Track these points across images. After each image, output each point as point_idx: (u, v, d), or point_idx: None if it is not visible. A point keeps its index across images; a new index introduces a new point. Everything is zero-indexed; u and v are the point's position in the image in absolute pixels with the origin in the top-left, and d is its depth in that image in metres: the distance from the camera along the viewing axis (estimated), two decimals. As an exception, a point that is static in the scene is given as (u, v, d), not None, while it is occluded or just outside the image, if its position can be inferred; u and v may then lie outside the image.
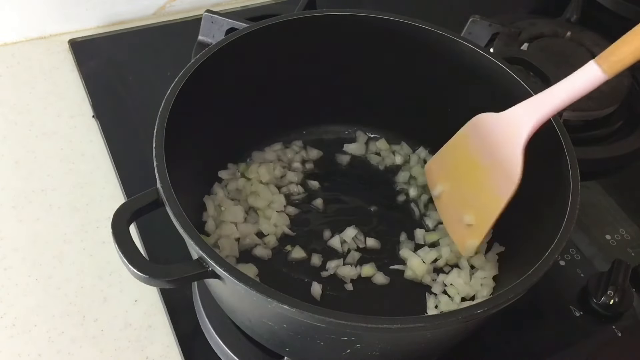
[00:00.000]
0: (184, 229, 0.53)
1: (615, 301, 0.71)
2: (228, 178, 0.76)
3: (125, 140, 0.84)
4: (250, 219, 0.74)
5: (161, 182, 0.55)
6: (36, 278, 0.72)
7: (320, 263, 0.71)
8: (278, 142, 0.81)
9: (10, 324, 0.68)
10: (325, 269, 0.71)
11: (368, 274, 0.71)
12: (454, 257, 0.72)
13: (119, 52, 0.96)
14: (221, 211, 0.73)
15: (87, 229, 0.76)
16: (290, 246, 0.72)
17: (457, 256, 0.72)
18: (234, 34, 0.70)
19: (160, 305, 0.70)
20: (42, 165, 0.82)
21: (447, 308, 0.69)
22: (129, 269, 0.52)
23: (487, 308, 0.52)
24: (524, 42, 0.96)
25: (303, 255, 0.72)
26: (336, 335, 0.53)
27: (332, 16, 0.73)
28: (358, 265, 0.72)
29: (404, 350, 0.59)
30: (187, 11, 1.05)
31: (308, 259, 0.72)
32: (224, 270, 0.51)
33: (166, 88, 0.63)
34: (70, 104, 0.89)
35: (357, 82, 0.78)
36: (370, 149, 0.82)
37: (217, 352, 0.67)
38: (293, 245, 0.72)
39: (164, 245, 0.72)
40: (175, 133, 0.60)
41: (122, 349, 0.67)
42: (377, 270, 0.71)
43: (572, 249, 0.77)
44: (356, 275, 0.71)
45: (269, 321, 0.56)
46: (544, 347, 0.71)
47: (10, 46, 0.96)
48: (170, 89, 0.63)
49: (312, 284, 0.69)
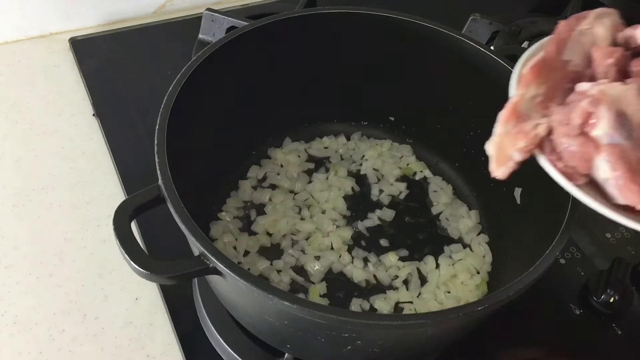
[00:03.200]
0: (185, 225, 0.53)
1: (615, 299, 0.71)
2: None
3: (126, 139, 0.84)
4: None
5: (163, 179, 0.56)
6: (37, 276, 0.72)
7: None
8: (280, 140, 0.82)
9: (11, 322, 0.68)
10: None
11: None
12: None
13: (120, 50, 0.97)
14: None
15: (87, 227, 0.76)
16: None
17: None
18: (234, 32, 0.70)
19: (160, 303, 0.70)
20: (43, 164, 0.82)
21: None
22: (131, 265, 0.52)
23: (487, 305, 0.52)
24: (524, 40, 0.96)
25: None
26: (337, 332, 0.53)
27: (333, 14, 0.73)
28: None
29: (404, 347, 0.59)
30: (188, 10, 1.05)
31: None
32: (225, 266, 0.51)
33: (166, 86, 0.63)
34: (70, 102, 0.89)
35: (357, 80, 0.78)
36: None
37: (218, 349, 0.67)
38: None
39: (165, 243, 0.72)
40: (176, 131, 0.60)
41: (123, 346, 0.67)
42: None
43: (572, 247, 0.77)
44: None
45: (270, 317, 0.56)
46: (544, 345, 0.71)
47: (11, 44, 0.96)
48: (172, 87, 0.63)
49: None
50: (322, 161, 0.82)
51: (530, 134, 0.52)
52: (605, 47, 0.55)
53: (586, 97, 0.50)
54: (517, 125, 0.53)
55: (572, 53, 0.56)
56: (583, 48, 0.56)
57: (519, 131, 0.53)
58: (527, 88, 0.55)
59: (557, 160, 0.52)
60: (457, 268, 0.72)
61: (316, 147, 0.83)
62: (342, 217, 0.76)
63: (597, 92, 0.50)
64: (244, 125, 0.75)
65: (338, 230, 0.74)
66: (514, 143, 0.52)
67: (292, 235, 0.74)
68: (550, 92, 0.55)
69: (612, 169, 0.49)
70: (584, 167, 0.50)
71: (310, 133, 0.83)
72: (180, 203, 0.54)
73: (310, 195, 0.77)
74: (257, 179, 0.78)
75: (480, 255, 0.74)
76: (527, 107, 0.54)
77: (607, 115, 0.49)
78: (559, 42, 0.57)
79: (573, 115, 0.50)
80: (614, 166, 0.49)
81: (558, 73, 0.56)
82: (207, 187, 0.74)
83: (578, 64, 0.56)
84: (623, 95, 0.50)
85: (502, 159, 0.53)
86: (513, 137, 0.53)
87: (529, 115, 0.54)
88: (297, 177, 0.79)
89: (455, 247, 0.74)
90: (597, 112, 0.49)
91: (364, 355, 0.58)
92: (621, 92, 0.50)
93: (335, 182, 0.79)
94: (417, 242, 0.75)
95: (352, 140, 0.84)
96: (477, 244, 0.75)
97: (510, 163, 0.53)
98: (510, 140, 0.53)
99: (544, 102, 0.54)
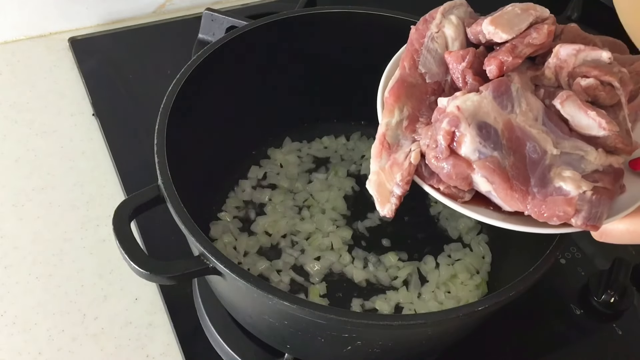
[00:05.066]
0: (185, 225, 0.53)
1: (615, 299, 0.71)
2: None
3: (126, 139, 0.84)
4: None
5: (162, 179, 0.56)
6: (36, 276, 0.72)
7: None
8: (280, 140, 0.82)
9: (10, 322, 0.68)
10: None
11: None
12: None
13: (119, 50, 0.96)
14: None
15: (87, 227, 0.76)
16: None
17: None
18: (234, 32, 0.70)
19: (160, 304, 0.70)
20: (43, 164, 0.82)
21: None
22: (130, 265, 0.52)
23: (487, 305, 0.52)
24: (524, 40, 0.96)
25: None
26: (337, 332, 0.53)
27: (333, 13, 0.73)
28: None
29: (404, 347, 0.59)
30: (187, 9, 1.05)
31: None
32: (224, 266, 0.51)
33: (166, 86, 0.63)
34: (70, 102, 0.89)
35: (357, 80, 0.78)
36: None
37: (218, 350, 0.67)
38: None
39: (165, 243, 0.72)
40: (176, 131, 0.60)
41: (123, 347, 0.67)
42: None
43: (572, 247, 0.77)
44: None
45: (270, 317, 0.56)
46: (544, 345, 0.71)
47: (11, 44, 0.96)
48: (172, 87, 0.63)
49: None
50: (322, 161, 0.82)
51: (404, 165, 0.50)
52: (456, 51, 0.53)
53: (445, 115, 0.48)
54: (389, 157, 0.51)
55: (428, 63, 0.54)
56: (437, 55, 0.54)
57: (393, 163, 0.51)
58: (391, 114, 0.53)
59: (439, 183, 0.51)
60: (457, 268, 0.72)
61: (316, 147, 0.82)
62: (342, 217, 0.76)
63: (453, 109, 0.48)
64: (243, 125, 0.75)
65: (338, 230, 0.74)
66: (390, 178, 0.51)
67: (292, 235, 0.74)
68: (414, 112, 0.53)
69: (489, 182, 0.48)
70: (464, 184, 0.49)
71: (310, 133, 0.83)
72: (180, 203, 0.54)
73: (310, 195, 0.77)
74: (257, 179, 0.78)
75: (479, 255, 0.74)
76: (395, 136, 0.52)
77: (469, 131, 0.48)
78: (411, 54, 0.55)
79: (438, 138, 0.48)
80: (489, 179, 0.48)
81: (417, 90, 0.54)
82: (207, 187, 0.74)
83: (436, 73, 0.54)
84: (479, 106, 0.48)
85: (385, 196, 0.51)
86: (389, 172, 0.51)
87: (399, 144, 0.52)
88: (297, 177, 0.79)
89: (455, 246, 0.74)
90: (458, 131, 0.48)
91: (364, 355, 0.58)
92: (477, 103, 0.48)
93: (335, 182, 0.79)
94: (416, 241, 0.74)
95: (352, 140, 0.83)
96: (476, 243, 0.75)
97: (393, 199, 0.51)
98: (387, 176, 0.51)
99: (410, 125, 0.52)
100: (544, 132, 0.49)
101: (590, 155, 0.49)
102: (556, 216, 0.48)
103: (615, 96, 0.51)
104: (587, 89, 0.50)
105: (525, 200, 0.48)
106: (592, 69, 0.50)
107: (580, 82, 0.50)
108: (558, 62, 0.51)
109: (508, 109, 0.49)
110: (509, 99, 0.49)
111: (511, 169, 0.48)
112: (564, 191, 0.48)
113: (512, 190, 0.48)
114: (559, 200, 0.47)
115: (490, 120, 0.48)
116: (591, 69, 0.50)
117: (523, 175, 0.48)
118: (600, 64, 0.51)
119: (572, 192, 0.47)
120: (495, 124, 0.48)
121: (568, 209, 0.47)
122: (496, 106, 0.49)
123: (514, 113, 0.49)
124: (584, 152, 0.49)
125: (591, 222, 0.48)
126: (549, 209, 0.48)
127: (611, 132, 0.49)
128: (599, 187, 0.48)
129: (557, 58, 0.52)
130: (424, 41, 0.55)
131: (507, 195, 0.48)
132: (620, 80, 0.50)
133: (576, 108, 0.49)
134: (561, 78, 0.51)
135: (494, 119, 0.48)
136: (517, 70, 0.52)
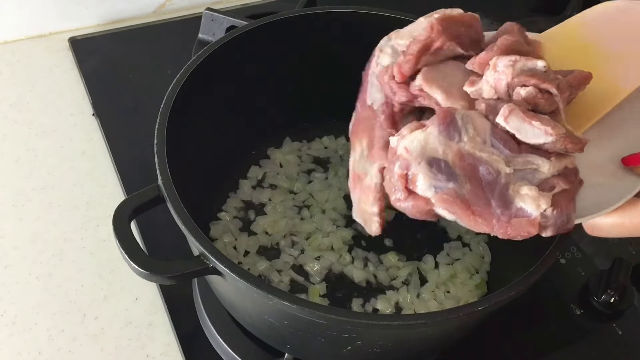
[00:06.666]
0: (185, 225, 0.53)
1: (615, 299, 0.71)
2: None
3: (126, 139, 0.84)
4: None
5: (162, 179, 0.56)
6: (36, 276, 0.72)
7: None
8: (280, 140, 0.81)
9: (10, 322, 0.68)
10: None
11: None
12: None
13: (119, 50, 0.96)
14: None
15: (87, 227, 0.76)
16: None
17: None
18: (234, 32, 0.70)
19: (160, 304, 0.70)
20: (42, 164, 0.82)
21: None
22: (130, 265, 0.52)
23: (487, 305, 0.52)
24: (524, 40, 0.96)
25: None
26: (337, 332, 0.53)
27: (333, 13, 0.73)
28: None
29: (404, 347, 0.59)
30: (187, 9, 1.05)
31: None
32: (224, 266, 0.51)
33: (166, 86, 0.63)
34: (70, 102, 0.89)
35: (357, 80, 0.78)
36: None
37: (218, 350, 0.67)
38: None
39: (165, 243, 0.72)
40: (176, 131, 0.60)
41: (123, 347, 0.67)
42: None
43: (572, 247, 0.77)
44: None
45: (270, 317, 0.56)
46: (544, 345, 0.71)
47: (11, 44, 0.96)
48: (172, 87, 0.63)
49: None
50: (322, 161, 0.81)
51: (372, 187, 0.55)
52: (392, 82, 0.56)
53: (396, 158, 0.50)
54: (362, 185, 0.56)
55: (372, 94, 0.58)
56: (379, 86, 0.58)
57: (365, 188, 0.56)
58: (354, 150, 0.58)
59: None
60: (457, 268, 0.72)
61: (316, 147, 0.82)
62: (342, 217, 0.76)
63: (402, 152, 0.50)
64: (243, 125, 0.75)
65: (338, 230, 0.74)
66: (367, 201, 0.55)
67: (292, 235, 0.74)
68: (370, 141, 0.57)
69: (450, 213, 0.49)
70: (430, 216, 0.51)
71: (310, 133, 0.83)
72: (180, 203, 0.54)
73: (310, 195, 0.77)
74: (257, 179, 0.78)
75: (479, 254, 0.74)
76: (362, 166, 0.57)
77: (420, 169, 0.49)
78: (364, 92, 0.59)
79: (394, 182, 0.50)
80: (450, 210, 0.49)
81: (369, 122, 0.58)
82: (207, 187, 0.74)
83: (379, 97, 0.58)
84: (426, 143, 0.50)
85: (369, 218, 0.56)
86: (365, 197, 0.56)
87: (366, 173, 0.56)
88: (297, 177, 0.79)
89: (455, 245, 0.74)
90: (410, 172, 0.49)
91: (364, 355, 0.58)
92: (424, 141, 0.50)
93: (335, 182, 0.79)
94: (416, 241, 0.74)
95: (352, 140, 0.83)
96: (476, 243, 0.74)
97: (375, 218, 0.55)
98: (364, 201, 0.56)
99: (369, 152, 0.56)
100: (494, 154, 0.50)
101: (543, 168, 0.50)
102: (522, 235, 0.49)
103: (553, 103, 0.52)
104: (527, 98, 0.51)
105: (490, 224, 0.49)
106: (529, 78, 0.51)
107: (520, 91, 0.51)
108: (496, 75, 0.52)
109: (455, 138, 0.50)
110: (455, 129, 0.50)
111: (470, 195, 0.49)
112: (526, 213, 0.49)
113: (474, 215, 0.49)
114: (523, 222, 0.49)
115: (439, 154, 0.50)
116: (529, 77, 0.51)
117: (483, 199, 0.49)
118: (537, 73, 0.52)
119: (533, 213, 0.49)
120: (444, 157, 0.50)
121: (532, 230, 0.49)
122: (443, 139, 0.50)
123: (462, 142, 0.50)
124: (536, 165, 0.50)
125: (561, 230, 0.50)
126: (515, 230, 0.49)
127: (558, 136, 0.50)
128: (558, 194, 0.50)
129: (494, 71, 0.52)
130: (368, 78, 0.59)
131: (472, 221, 0.49)
132: (558, 87, 0.51)
133: (520, 121, 0.50)
134: (501, 89, 0.52)
135: (442, 152, 0.50)
136: (455, 86, 0.54)
